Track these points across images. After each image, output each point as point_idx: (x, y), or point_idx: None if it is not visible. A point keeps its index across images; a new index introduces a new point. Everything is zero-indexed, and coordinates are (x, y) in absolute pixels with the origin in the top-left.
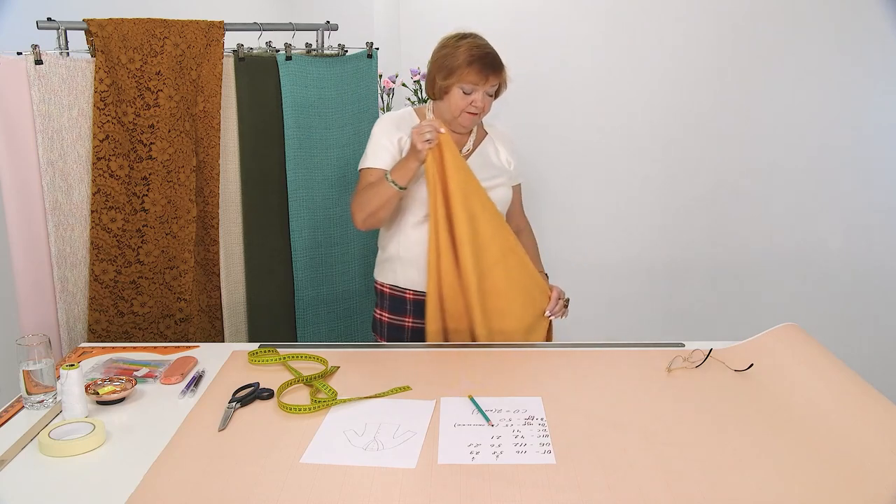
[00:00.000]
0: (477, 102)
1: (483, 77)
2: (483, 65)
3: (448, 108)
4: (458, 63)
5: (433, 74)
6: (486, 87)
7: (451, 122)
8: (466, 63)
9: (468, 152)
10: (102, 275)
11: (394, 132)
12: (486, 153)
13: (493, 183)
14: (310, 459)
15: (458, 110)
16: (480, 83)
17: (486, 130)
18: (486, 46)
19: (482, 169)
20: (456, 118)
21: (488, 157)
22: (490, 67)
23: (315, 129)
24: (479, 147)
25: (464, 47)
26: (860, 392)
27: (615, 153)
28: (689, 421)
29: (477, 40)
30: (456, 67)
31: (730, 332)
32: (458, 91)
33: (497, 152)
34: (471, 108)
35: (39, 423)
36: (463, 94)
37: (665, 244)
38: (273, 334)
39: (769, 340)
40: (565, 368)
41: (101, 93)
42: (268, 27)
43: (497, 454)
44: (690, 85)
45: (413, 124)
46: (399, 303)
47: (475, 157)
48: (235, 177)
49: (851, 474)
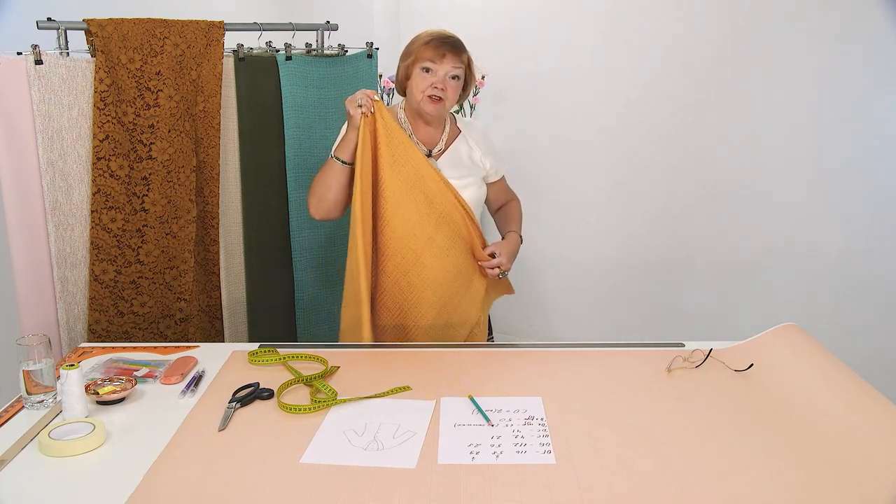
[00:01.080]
0: (437, 83)
1: (439, 53)
2: (440, 42)
3: (412, 95)
4: (416, 45)
5: (398, 66)
6: (444, 65)
7: (418, 109)
8: (423, 42)
9: (440, 151)
10: (102, 275)
11: None
12: (458, 153)
13: (463, 182)
14: (310, 459)
15: (420, 92)
16: (437, 59)
17: (459, 128)
18: (447, 31)
19: (452, 168)
20: (420, 103)
21: (460, 156)
22: (447, 45)
23: (315, 129)
24: (451, 145)
25: (425, 32)
26: (860, 392)
27: (615, 153)
28: (689, 421)
29: (439, 29)
30: (415, 49)
31: (730, 332)
32: (418, 72)
33: (470, 151)
34: (431, 91)
35: (39, 423)
36: (423, 73)
37: (665, 244)
38: (273, 334)
39: (769, 340)
40: (565, 368)
41: (101, 93)
42: (268, 27)
43: (497, 454)
44: (690, 84)
45: None
46: None
47: (447, 156)
48: (235, 177)
49: (851, 474)
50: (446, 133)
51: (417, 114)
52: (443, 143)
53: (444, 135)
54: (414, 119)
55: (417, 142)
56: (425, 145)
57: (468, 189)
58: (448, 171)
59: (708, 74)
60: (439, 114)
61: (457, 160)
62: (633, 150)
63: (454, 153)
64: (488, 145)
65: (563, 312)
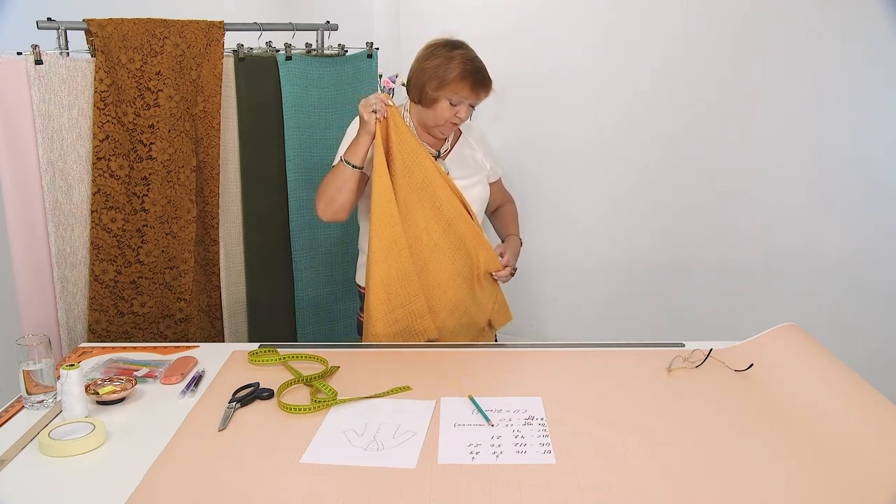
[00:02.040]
0: (461, 114)
1: (475, 93)
2: (475, 80)
3: (432, 117)
4: (451, 76)
5: (423, 82)
6: (475, 101)
7: (433, 128)
8: (460, 77)
9: (446, 152)
10: (102, 275)
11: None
12: (463, 153)
13: (470, 182)
14: (310, 459)
15: (444, 120)
16: (471, 98)
17: (460, 130)
18: (478, 60)
19: (459, 168)
20: (439, 126)
21: (465, 156)
22: (482, 84)
23: (315, 129)
24: (455, 147)
25: (458, 59)
26: (860, 392)
27: (615, 153)
28: (689, 421)
29: (468, 52)
30: (450, 80)
31: (730, 332)
32: (446, 102)
33: (473, 152)
34: (454, 119)
35: (39, 423)
36: (450, 105)
37: (665, 244)
38: (273, 334)
39: (769, 340)
40: (565, 368)
41: (101, 93)
42: (268, 27)
43: (497, 454)
44: (691, 84)
45: None
46: None
47: (453, 156)
48: (235, 177)
49: (851, 474)
50: (451, 135)
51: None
52: (449, 143)
53: (449, 136)
54: (419, 122)
55: (425, 144)
56: (433, 147)
57: (476, 188)
58: (456, 171)
59: (708, 74)
60: (452, 133)
61: (463, 160)
62: (634, 150)
63: (459, 153)
64: (487, 146)
65: (563, 313)
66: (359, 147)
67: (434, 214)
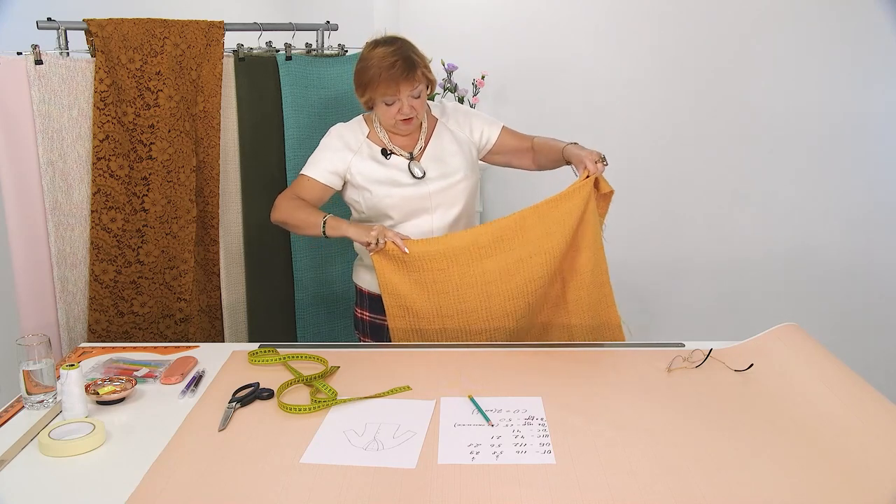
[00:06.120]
0: (404, 109)
1: (396, 88)
2: (391, 77)
3: (382, 120)
4: (367, 79)
5: (356, 92)
6: (402, 95)
7: (391, 130)
8: (377, 77)
9: (420, 151)
10: (102, 275)
11: (343, 152)
12: (441, 145)
13: (450, 181)
14: (310, 459)
15: (392, 121)
16: (397, 93)
17: (435, 116)
18: (395, 53)
19: (437, 165)
20: (393, 127)
21: (443, 148)
22: (401, 76)
23: (315, 129)
24: (431, 140)
25: (373, 60)
26: (860, 392)
27: (615, 152)
28: (689, 421)
29: (386, 49)
30: (368, 83)
31: (730, 332)
32: (381, 104)
33: (453, 135)
34: (402, 116)
35: (39, 423)
36: (386, 105)
37: (665, 244)
38: (273, 334)
39: (769, 340)
40: (565, 368)
41: (101, 93)
42: (268, 27)
43: (497, 454)
44: (691, 84)
45: (361, 134)
46: (377, 303)
47: (428, 154)
48: (235, 177)
49: (851, 474)
50: (424, 130)
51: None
52: (422, 141)
53: (421, 133)
54: (390, 129)
55: (396, 148)
56: (405, 149)
57: (460, 185)
58: (433, 169)
59: (708, 74)
60: (416, 127)
61: (440, 155)
62: (634, 150)
63: (436, 147)
64: (468, 116)
65: None
66: (342, 234)
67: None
